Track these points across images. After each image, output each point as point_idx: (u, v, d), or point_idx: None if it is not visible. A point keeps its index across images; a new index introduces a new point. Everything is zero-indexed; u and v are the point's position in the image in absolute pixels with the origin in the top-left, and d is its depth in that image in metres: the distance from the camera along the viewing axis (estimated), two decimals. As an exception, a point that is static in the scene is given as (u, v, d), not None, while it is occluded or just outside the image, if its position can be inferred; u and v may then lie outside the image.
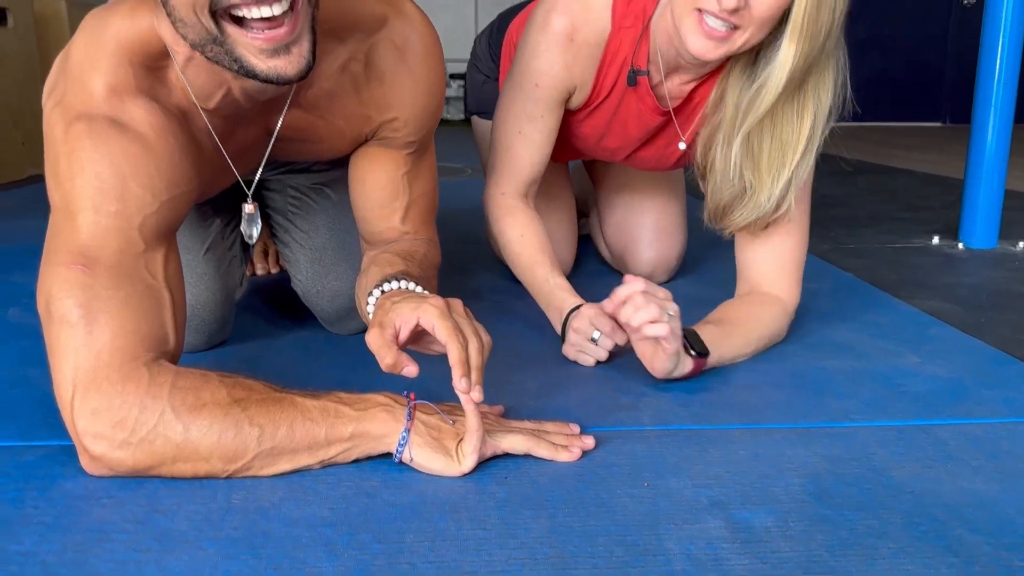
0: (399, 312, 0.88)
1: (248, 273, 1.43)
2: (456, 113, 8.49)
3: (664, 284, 1.66)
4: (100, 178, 0.83)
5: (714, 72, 1.23)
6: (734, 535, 0.76)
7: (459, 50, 9.08)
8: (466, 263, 1.83)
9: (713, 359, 1.14)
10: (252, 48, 0.79)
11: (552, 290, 1.27)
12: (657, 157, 1.43)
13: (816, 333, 1.34)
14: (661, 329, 1.02)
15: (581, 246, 1.79)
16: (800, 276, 1.27)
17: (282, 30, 0.78)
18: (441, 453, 0.85)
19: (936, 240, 2.12)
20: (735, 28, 1.07)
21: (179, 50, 0.86)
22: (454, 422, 0.88)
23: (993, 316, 1.47)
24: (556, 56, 1.25)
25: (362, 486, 0.84)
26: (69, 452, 0.86)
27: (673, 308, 1.06)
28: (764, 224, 1.22)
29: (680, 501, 0.82)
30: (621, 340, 1.16)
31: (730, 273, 1.68)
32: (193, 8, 0.77)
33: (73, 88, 0.86)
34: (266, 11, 0.77)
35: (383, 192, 1.12)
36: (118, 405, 0.80)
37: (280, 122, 0.99)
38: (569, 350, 1.21)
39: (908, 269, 1.83)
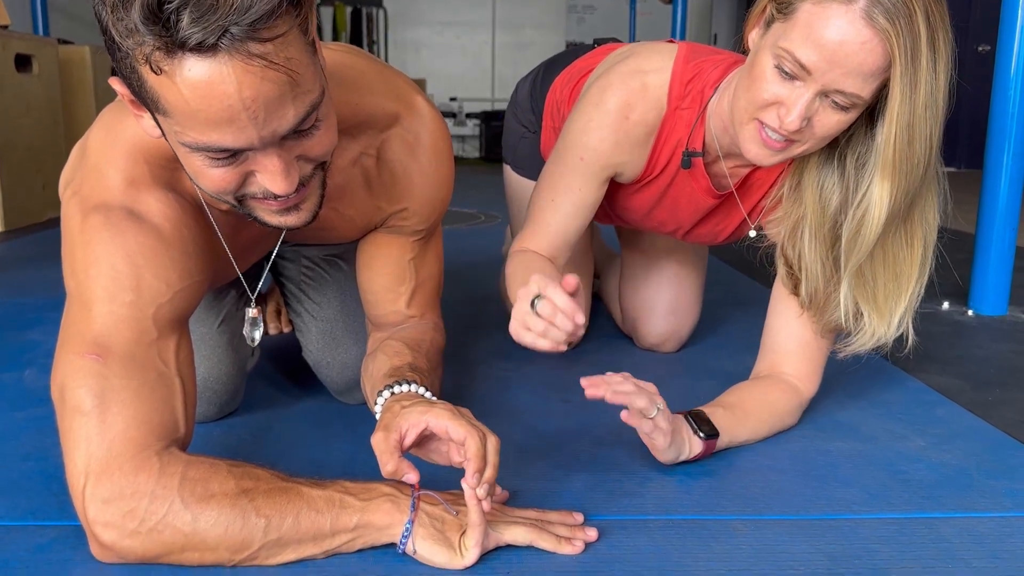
0: (407, 416, 0.90)
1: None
2: (472, 151, 8.58)
3: (674, 354, 1.67)
4: (115, 269, 0.86)
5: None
6: (733, 643, 0.76)
7: (477, 90, 9.19)
8: (474, 324, 1.84)
9: (723, 442, 1.14)
10: (267, 210, 0.84)
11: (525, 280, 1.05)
12: (712, 233, 1.41)
13: (823, 411, 1.34)
14: (645, 425, 1.02)
15: (592, 307, 1.80)
16: (822, 365, 1.24)
17: (294, 198, 0.83)
18: (444, 546, 0.86)
19: (946, 305, 2.12)
20: (794, 140, 1.05)
21: None
22: (457, 513, 0.89)
23: (1001, 395, 1.47)
24: (607, 133, 1.23)
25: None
26: (79, 534, 0.87)
27: (661, 403, 1.04)
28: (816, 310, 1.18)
29: (680, 602, 0.83)
30: (569, 325, 0.92)
31: (740, 343, 1.70)
32: (216, 194, 0.81)
33: (90, 179, 0.89)
34: (282, 199, 0.82)
35: (390, 277, 1.15)
36: (129, 495, 0.81)
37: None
38: (512, 325, 0.97)
39: (917, 339, 1.83)
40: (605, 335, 1.80)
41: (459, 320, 1.85)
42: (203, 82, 0.69)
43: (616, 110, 1.22)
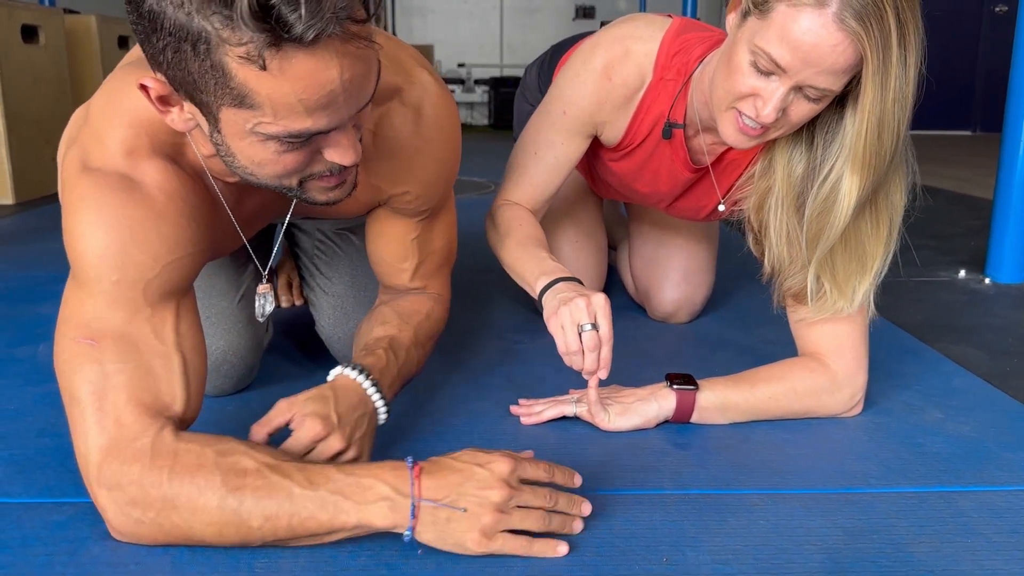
0: (296, 407, 0.95)
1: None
2: (480, 119, 8.52)
3: (687, 325, 1.67)
4: (101, 244, 0.83)
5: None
6: (751, 620, 0.76)
7: (484, 56, 9.07)
8: (483, 295, 1.84)
9: (711, 400, 1.15)
10: (321, 188, 0.84)
11: (544, 259, 1.21)
12: (693, 209, 1.43)
13: (838, 383, 1.33)
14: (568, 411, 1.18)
15: (607, 279, 1.79)
16: (860, 354, 1.19)
17: (347, 172, 0.84)
18: (451, 540, 0.82)
19: (962, 274, 2.10)
20: (769, 128, 1.08)
21: (204, 150, 0.87)
22: (465, 509, 0.82)
23: (1019, 365, 1.46)
24: (589, 89, 1.27)
25: (382, 556, 0.85)
26: (96, 512, 0.87)
27: (575, 396, 1.19)
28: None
29: (698, 579, 0.83)
30: (592, 368, 1.08)
31: (755, 315, 1.69)
32: (279, 179, 0.81)
33: (90, 141, 0.86)
34: (341, 173, 0.83)
35: (394, 253, 1.15)
36: (126, 484, 0.81)
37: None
38: (555, 321, 1.09)
39: (933, 308, 1.82)
40: (618, 307, 1.78)
41: (467, 291, 1.85)
42: (310, 72, 0.69)
43: (600, 68, 1.26)
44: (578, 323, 1.06)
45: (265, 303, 1.08)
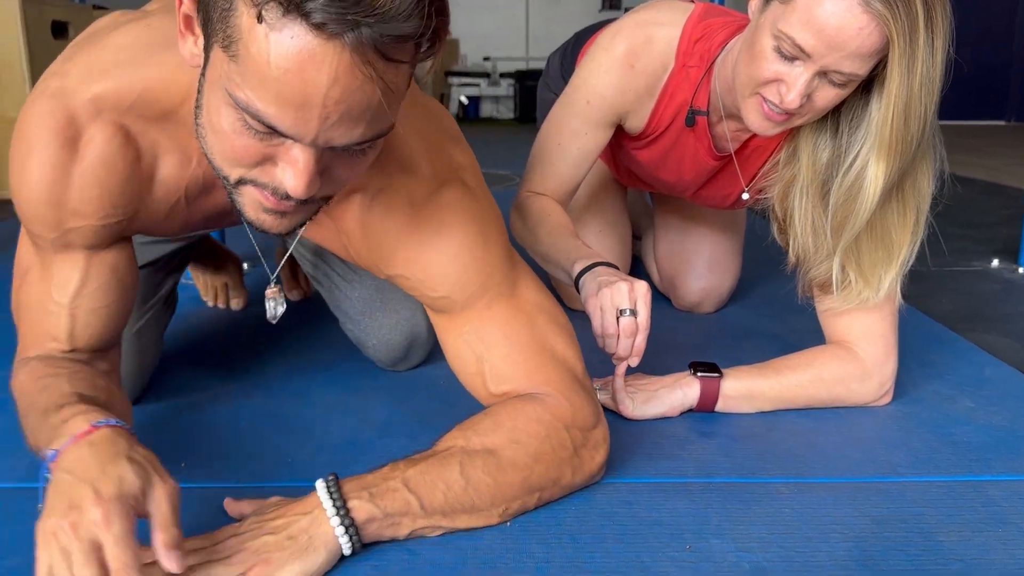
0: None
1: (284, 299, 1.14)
2: (506, 112, 8.51)
3: (713, 314, 1.65)
4: (24, 189, 0.85)
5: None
6: (775, 608, 0.75)
7: (509, 49, 9.04)
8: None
9: (736, 389, 1.14)
10: (255, 203, 0.74)
11: (580, 246, 1.20)
12: (718, 197, 1.41)
13: (867, 372, 1.31)
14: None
15: (632, 268, 1.78)
16: (889, 342, 1.17)
17: (289, 205, 0.73)
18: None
19: (995, 263, 2.06)
20: (794, 114, 1.06)
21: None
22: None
23: (1053, 354, 1.43)
24: (613, 78, 1.26)
25: (404, 543, 0.85)
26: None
27: (599, 383, 1.18)
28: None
29: (723, 566, 0.82)
30: (626, 352, 1.07)
31: (783, 303, 1.67)
32: (223, 161, 0.72)
33: (79, 72, 0.83)
34: (281, 201, 0.73)
35: (458, 360, 0.98)
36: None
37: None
38: (594, 302, 1.08)
39: (966, 297, 1.79)
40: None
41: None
42: (298, 57, 0.61)
43: (622, 56, 1.25)
44: (618, 307, 1.06)
45: (276, 305, 1.05)
